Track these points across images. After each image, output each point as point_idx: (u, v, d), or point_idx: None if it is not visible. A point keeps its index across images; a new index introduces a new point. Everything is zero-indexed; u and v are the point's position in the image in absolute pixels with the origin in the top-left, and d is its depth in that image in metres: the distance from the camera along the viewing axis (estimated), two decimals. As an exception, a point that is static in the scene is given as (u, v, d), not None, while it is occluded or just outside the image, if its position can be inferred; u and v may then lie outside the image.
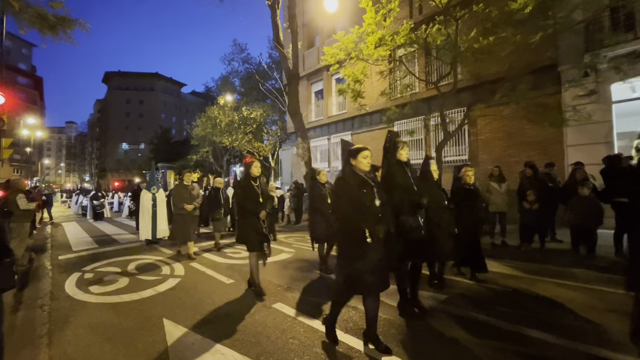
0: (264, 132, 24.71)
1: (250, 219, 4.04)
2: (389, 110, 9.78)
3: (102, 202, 14.83)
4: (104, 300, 4.12)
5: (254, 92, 26.56)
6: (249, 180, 4.15)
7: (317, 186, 5.11)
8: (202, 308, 3.81)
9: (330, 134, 16.94)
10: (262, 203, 4.11)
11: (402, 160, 3.53)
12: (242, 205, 4.08)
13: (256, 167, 4.17)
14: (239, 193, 4.12)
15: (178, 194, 6.27)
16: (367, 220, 2.66)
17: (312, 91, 18.64)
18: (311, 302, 3.93)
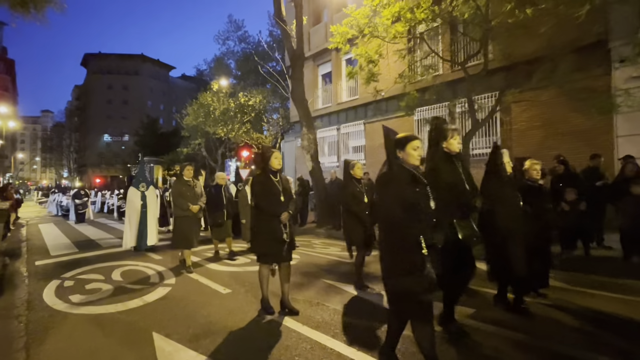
0: (264, 122, 24.79)
1: (269, 222, 3.78)
2: (407, 95, 9.72)
3: (84, 202, 14.92)
4: (86, 310, 4.20)
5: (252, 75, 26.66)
6: (267, 175, 3.89)
7: (351, 183, 4.81)
8: (195, 321, 3.86)
9: (339, 124, 16.91)
10: (284, 202, 3.85)
11: (452, 151, 3.24)
12: (259, 206, 3.83)
13: (277, 159, 3.88)
14: (256, 191, 3.87)
15: (180, 192, 5.96)
16: (422, 227, 2.44)
17: (319, 74, 18.60)
18: (318, 314, 3.95)
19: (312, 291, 4.77)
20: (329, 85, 17.84)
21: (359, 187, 4.81)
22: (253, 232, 3.92)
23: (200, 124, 23.30)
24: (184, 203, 5.89)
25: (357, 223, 4.71)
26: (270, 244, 3.78)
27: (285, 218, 3.81)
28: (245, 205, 7.01)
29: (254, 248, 3.93)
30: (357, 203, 4.71)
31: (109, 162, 56.22)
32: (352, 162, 4.91)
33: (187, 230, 5.92)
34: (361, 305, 4.22)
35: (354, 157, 16.32)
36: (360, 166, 4.88)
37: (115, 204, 16.39)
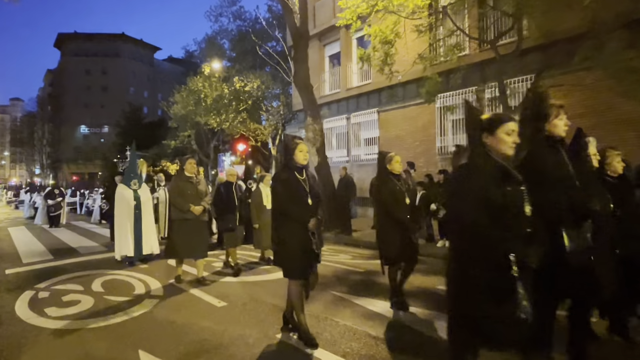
0: (263, 110, 24.84)
1: (295, 230, 3.57)
2: (428, 79, 9.68)
3: (58, 202, 14.93)
4: (64, 325, 4.26)
5: (249, 57, 26.67)
6: (292, 172, 3.67)
7: (389, 180, 4.53)
8: (187, 337, 3.90)
9: (349, 112, 16.89)
10: (312, 206, 3.65)
11: (557, 135, 2.73)
12: (282, 210, 3.63)
13: (302, 152, 3.68)
14: (279, 191, 3.66)
15: (179, 189, 5.74)
16: (513, 239, 2.10)
17: (326, 55, 18.58)
18: (327, 331, 3.98)
19: (319, 304, 4.79)
20: (337, 68, 17.81)
21: (399, 184, 4.52)
22: (277, 241, 3.71)
23: (189, 113, 23.43)
24: (183, 203, 5.66)
25: (396, 230, 4.40)
26: (299, 255, 3.57)
27: (314, 226, 3.59)
28: (259, 207, 6.89)
29: (279, 261, 3.73)
30: (397, 205, 4.41)
31: (87, 156, 56.82)
32: (389, 154, 4.62)
33: (188, 235, 5.68)
34: (376, 321, 4.23)
35: (366, 150, 16.32)
36: (399, 160, 4.60)
37: (97, 204, 16.45)
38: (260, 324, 4.20)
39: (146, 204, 7.47)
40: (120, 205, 7.33)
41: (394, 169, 4.58)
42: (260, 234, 6.90)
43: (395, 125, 14.69)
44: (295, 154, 3.68)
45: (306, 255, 3.59)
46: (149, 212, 7.53)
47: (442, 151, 13.09)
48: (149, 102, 61.35)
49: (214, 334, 3.95)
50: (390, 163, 4.58)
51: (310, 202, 3.64)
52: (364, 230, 10.88)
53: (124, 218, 7.25)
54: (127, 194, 7.32)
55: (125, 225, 7.20)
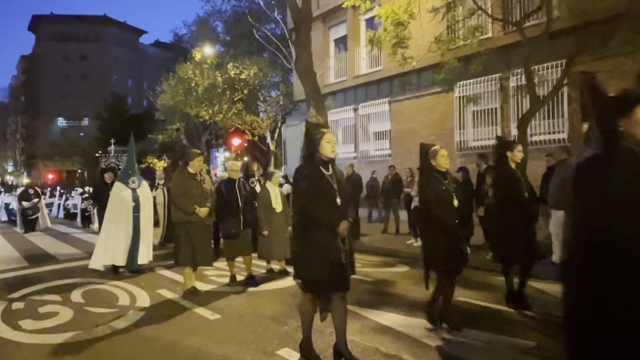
0: (260, 101, 24.90)
1: (321, 236, 3.37)
2: (446, 65, 9.66)
3: (35, 204, 14.64)
4: (41, 340, 4.29)
5: (245, 41, 26.73)
6: (317, 167, 3.50)
7: (434, 178, 4.31)
8: (176, 354, 3.92)
9: (357, 102, 16.89)
10: (342, 207, 3.47)
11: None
12: (306, 212, 3.43)
13: (330, 143, 3.52)
14: (302, 190, 3.49)
15: (184, 189, 5.59)
16: None
17: (331, 39, 18.57)
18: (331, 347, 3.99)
19: (323, 317, 4.80)
20: (344, 54, 17.81)
21: (445, 183, 4.29)
22: (297, 249, 3.55)
23: (179, 104, 23.50)
24: (188, 204, 5.51)
25: (442, 237, 4.18)
26: (324, 267, 3.34)
27: (345, 230, 3.39)
28: (268, 209, 6.63)
29: (300, 272, 3.53)
30: (444, 207, 4.19)
31: (65, 152, 57.02)
32: (434, 147, 4.42)
33: (193, 240, 5.59)
34: (387, 336, 4.24)
35: (376, 145, 16.31)
36: (446, 154, 4.37)
37: (79, 206, 16.42)
38: (258, 339, 4.21)
39: (146, 205, 7.22)
40: (116, 207, 6.99)
41: (439, 164, 4.34)
42: (270, 241, 6.60)
43: (408, 117, 14.67)
44: (322, 145, 3.49)
45: (333, 266, 3.34)
46: (148, 215, 7.27)
47: (462, 146, 13.07)
48: (133, 92, 61.56)
49: (206, 351, 3.97)
50: (434, 158, 4.35)
51: (339, 202, 3.47)
52: (374, 235, 10.89)
53: (119, 222, 6.91)
54: (124, 194, 7.00)
55: (119, 230, 6.88)
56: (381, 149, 16.02)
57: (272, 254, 6.75)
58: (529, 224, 4.82)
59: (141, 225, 7.07)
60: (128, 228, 6.96)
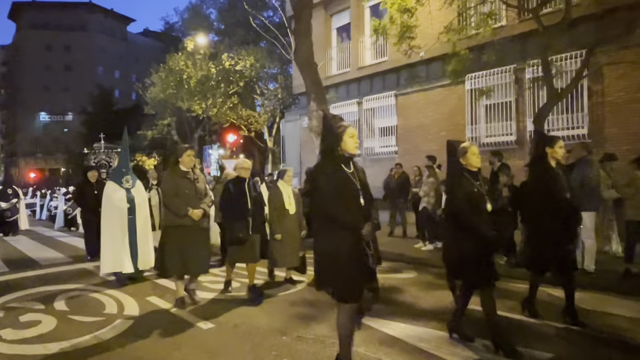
0: (257, 94, 24.90)
1: (344, 239, 3.30)
2: (456, 56, 9.64)
3: (13, 205, 14.64)
4: (22, 350, 4.29)
5: (241, 30, 26.73)
6: (338, 165, 3.43)
7: (464, 178, 4.16)
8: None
9: (361, 96, 16.87)
10: (365, 207, 3.43)
11: None
12: (327, 214, 3.36)
13: (353, 138, 3.46)
14: (323, 189, 3.38)
15: (174, 188, 5.46)
16: None
17: (333, 27, 18.55)
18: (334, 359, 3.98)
19: (325, 326, 4.78)
20: (347, 43, 17.79)
21: (477, 184, 4.13)
22: (319, 255, 3.46)
23: (169, 98, 23.53)
24: (180, 206, 5.39)
25: (472, 244, 4.00)
26: (352, 273, 3.30)
27: (369, 233, 3.35)
28: (281, 211, 6.49)
29: (324, 281, 3.44)
30: (476, 211, 4.04)
31: (47, 150, 57.19)
32: (463, 144, 4.30)
33: (179, 248, 5.41)
34: (394, 347, 4.24)
35: (382, 142, 16.30)
36: (477, 151, 4.21)
37: (61, 208, 16.44)
38: (255, 351, 4.21)
39: (141, 206, 7.09)
40: (109, 210, 6.87)
41: (470, 163, 4.17)
42: (284, 246, 6.45)
43: (416, 111, 14.66)
44: (344, 140, 3.42)
45: (359, 271, 3.31)
46: (145, 217, 7.13)
47: (474, 143, 13.03)
48: (121, 85, 61.58)
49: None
50: (464, 156, 4.19)
51: (363, 203, 3.42)
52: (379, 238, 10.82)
53: (114, 225, 6.77)
54: (118, 195, 6.88)
55: (116, 235, 6.74)
56: (387, 145, 16.01)
57: (286, 260, 6.56)
58: (569, 229, 4.74)
59: (138, 229, 6.89)
60: (124, 231, 6.79)
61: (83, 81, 57.38)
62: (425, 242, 9.33)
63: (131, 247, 6.80)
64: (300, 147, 19.63)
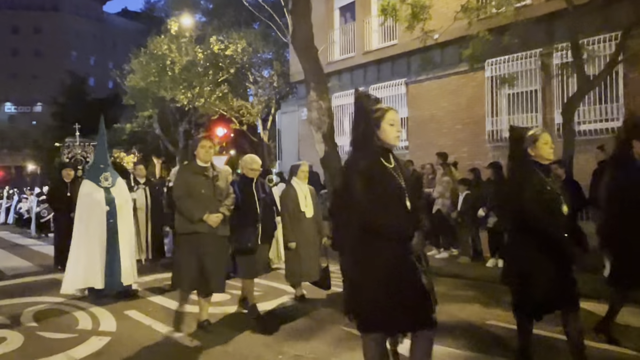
0: (250, 82, 24.89)
1: (386, 252, 2.94)
2: (475, 39, 9.63)
3: None
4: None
5: (231, 10, 26.68)
6: (376, 159, 3.08)
7: (534, 174, 3.79)
8: (148, 388, 3.93)
9: (367, 84, 16.84)
10: (412, 212, 3.08)
11: None
12: (368, 221, 2.97)
13: (393, 126, 3.10)
14: (358, 190, 2.99)
15: (187, 187, 5.18)
16: None
17: (336, 7, 18.53)
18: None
19: (324, 342, 4.82)
20: (351, 24, 17.77)
21: (549, 181, 3.79)
22: (351, 272, 3.11)
23: (151, 86, 23.47)
24: (193, 209, 5.07)
25: (545, 255, 3.66)
26: (392, 297, 2.89)
27: (420, 244, 3.05)
28: (295, 215, 6.25)
29: (356, 306, 3.07)
30: (550, 215, 3.69)
31: (14, 145, 57.09)
32: (532, 132, 3.94)
33: (194, 259, 5.11)
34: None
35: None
36: (549, 140, 3.84)
37: (33, 210, 16.46)
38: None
39: (123, 208, 6.86)
40: (84, 213, 6.64)
41: (540, 154, 3.80)
42: (300, 257, 6.21)
43: (429, 101, 14.65)
44: (382, 127, 3.06)
45: (410, 293, 2.90)
46: (127, 222, 6.92)
47: (494, 137, 13.03)
48: (96, 71, 61.65)
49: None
50: (533, 146, 3.81)
51: (409, 206, 3.05)
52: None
53: (90, 232, 6.54)
54: (96, 196, 6.64)
55: (91, 244, 6.49)
56: (397, 140, 15.98)
57: (303, 273, 6.28)
58: None
59: (119, 234, 6.66)
60: (102, 239, 6.54)
61: (54, 68, 57.50)
62: (440, 249, 9.34)
63: (112, 258, 6.51)
64: (299, 142, 19.62)
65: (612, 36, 10.30)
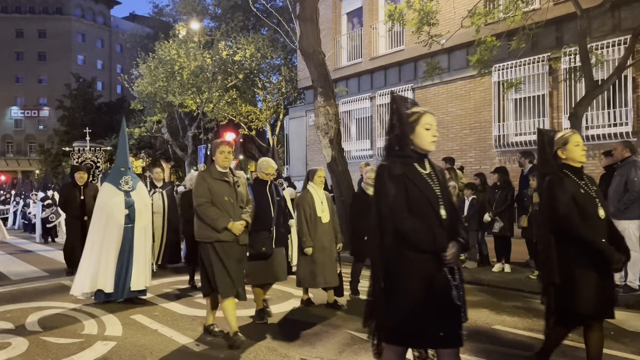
0: (258, 88, 24.96)
1: (418, 264, 2.83)
2: (482, 44, 9.61)
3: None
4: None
5: (239, 15, 26.83)
6: (411, 165, 2.96)
7: (567, 178, 3.63)
8: (152, 393, 3.92)
9: (374, 89, 16.87)
10: (447, 222, 2.91)
11: None
12: (400, 230, 2.85)
13: (429, 130, 2.96)
14: (389, 194, 2.87)
15: (207, 193, 4.97)
16: None
17: (343, 12, 18.57)
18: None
19: (330, 347, 4.80)
20: (359, 30, 17.80)
21: (583, 184, 3.61)
22: (382, 283, 2.92)
23: (159, 91, 23.63)
24: (218, 217, 4.87)
25: (584, 263, 3.50)
26: (421, 312, 2.79)
27: (455, 257, 2.84)
28: (312, 219, 6.15)
29: (382, 317, 2.92)
30: (586, 220, 3.50)
31: (20, 150, 57.40)
32: (563, 133, 3.75)
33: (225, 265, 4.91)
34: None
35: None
36: (581, 141, 3.68)
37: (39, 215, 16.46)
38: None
39: (142, 213, 6.73)
40: (102, 218, 6.52)
41: (572, 157, 3.64)
42: (315, 262, 6.08)
43: (436, 106, 14.62)
44: (417, 131, 2.95)
45: (438, 309, 2.78)
46: (144, 226, 6.78)
47: (501, 142, 13.00)
48: (104, 76, 61.95)
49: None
50: (564, 148, 3.66)
51: (445, 215, 2.91)
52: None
53: (107, 235, 6.43)
54: (115, 200, 6.53)
55: (107, 247, 6.40)
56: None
57: (317, 279, 6.13)
58: None
59: (135, 239, 6.55)
60: (117, 243, 6.43)
61: (60, 72, 57.49)
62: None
63: (124, 262, 6.43)
64: (306, 147, 19.65)
65: (620, 40, 10.26)
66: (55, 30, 61.60)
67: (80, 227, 8.48)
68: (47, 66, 60.87)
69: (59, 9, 62.46)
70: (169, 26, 31.29)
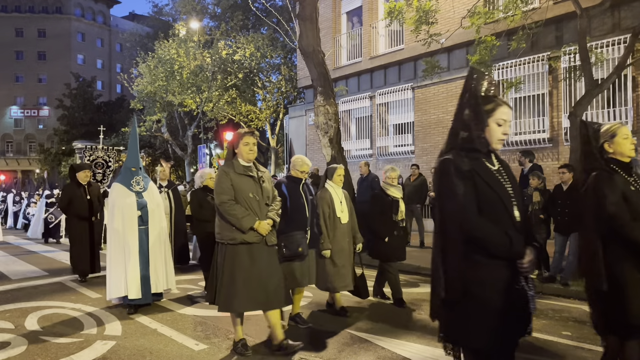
0: (258, 87, 24.95)
1: (490, 270, 2.54)
2: (482, 43, 9.60)
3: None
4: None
5: (239, 15, 26.82)
6: (480, 161, 2.63)
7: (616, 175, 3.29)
8: (151, 393, 3.91)
9: (374, 89, 16.86)
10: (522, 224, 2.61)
11: None
12: (468, 233, 2.52)
13: (502, 126, 2.63)
14: (455, 193, 2.52)
15: (231, 189, 4.55)
16: None
17: (343, 11, 18.56)
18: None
19: (330, 347, 4.80)
20: (358, 29, 17.79)
21: (632, 181, 3.29)
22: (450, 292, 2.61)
23: (159, 91, 23.63)
24: (242, 216, 4.46)
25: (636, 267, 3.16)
26: (497, 321, 2.51)
27: (532, 263, 2.55)
28: (330, 220, 5.91)
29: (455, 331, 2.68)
30: (632, 215, 3.17)
31: (20, 149, 57.35)
32: (610, 126, 3.40)
33: (249, 273, 4.51)
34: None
35: (397, 140, 16.27)
36: (629, 134, 3.38)
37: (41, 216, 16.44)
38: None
39: (155, 213, 6.58)
40: (117, 218, 6.37)
41: (620, 151, 3.32)
42: (335, 265, 5.83)
43: (436, 106, 14.62)
44: (490, 125, 2.63)
45: (511, 317, 2.53)
46: (160, 227, 6.66)
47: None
48: (103, 75, 61.90)
49: (188, 389, 3.96)
50: (611, 142, 3.33)
51: (518, 216, 2.60)
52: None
53: (126, 238, 6.29)
54: (127, 201, 6.39)
55: (127, 250, 6.26)
56: (403, 144, 15.96)
57: (336, 282, 5.86)
58: None
59: (151, 241, 6.40)
60: (135, 246, 6.29)
61: (60, 71, 57.49)
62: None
63: (143, 265, 6.27)
64: (306, 146, 19.65)
65: (620, 39, 10.25)
66: (55, 30, 61.55)
67: (88, 228, 8.39)
68: (46, 65, 60.88)
69: (58, 8, 62.38)
70: (169, 25, 31.28)
